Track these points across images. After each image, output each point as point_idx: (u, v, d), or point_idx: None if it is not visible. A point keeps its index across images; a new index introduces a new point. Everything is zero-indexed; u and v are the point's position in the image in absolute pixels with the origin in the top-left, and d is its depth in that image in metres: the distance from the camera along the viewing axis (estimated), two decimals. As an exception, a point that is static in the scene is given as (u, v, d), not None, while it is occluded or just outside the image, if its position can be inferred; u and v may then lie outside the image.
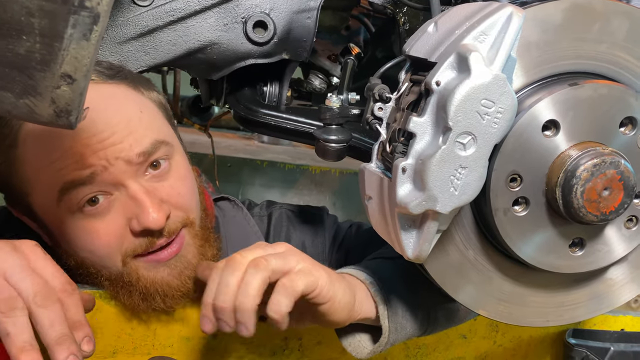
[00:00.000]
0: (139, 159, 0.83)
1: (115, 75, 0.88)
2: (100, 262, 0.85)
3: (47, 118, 0.55)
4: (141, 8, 0.97)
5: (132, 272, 0.85)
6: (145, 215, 0.81)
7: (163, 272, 0.86)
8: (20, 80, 0.52)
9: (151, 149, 0.84)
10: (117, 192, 0.82)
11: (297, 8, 1.03)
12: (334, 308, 0.76)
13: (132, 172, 0.82)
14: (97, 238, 0.83)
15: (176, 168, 0.88)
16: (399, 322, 0.83)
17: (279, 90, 1.15)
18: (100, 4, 0.49)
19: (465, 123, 0.60)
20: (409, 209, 0.64)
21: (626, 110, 0.68)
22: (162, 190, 0.85)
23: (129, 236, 0.83)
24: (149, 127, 0.86)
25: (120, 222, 0.83)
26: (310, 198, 2.28)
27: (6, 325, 0.63)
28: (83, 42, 0.50)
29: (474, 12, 0.65)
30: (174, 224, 0.86)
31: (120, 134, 0.82)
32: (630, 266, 0.77)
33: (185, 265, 0.87)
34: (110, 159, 0.81)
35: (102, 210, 0.82)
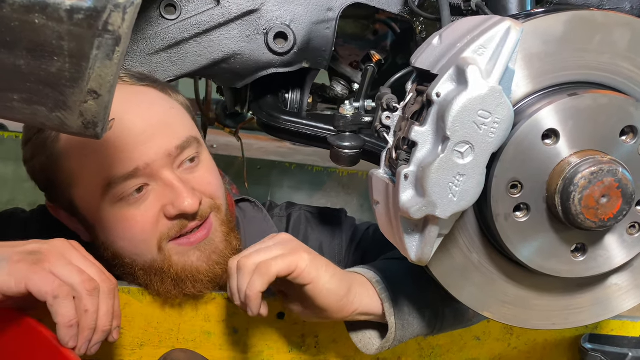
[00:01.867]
0: (176, 151, 0.92)
1: (145, 80, 0.97)
2: (135, 250, 0.93)
3: (76, 129, 0.61)
4: (169, 22, 1.03)
5: (165, 259, 0.93)
6: (181, 200, 0.89)
7: (193, 257, 0.94)
8: (53, 96, 0.58)
9: (185, 144, 0.93)
10: (154, 183, 0.91)
11: (317, 19, 1.08)
12: (318, 290, 0.83)
13: (168, 164, 0.91)
14: (135, 224, 0.91)
15: (205, 162, 0.98)
16: (406, 319, 0.87)
17: (300, 97, 1.19)
18: (121, 27, 0.55)
19: (463, 133, 0.63)
20: (410, 213, 0.67)
21: (626, 119, 0.69)
22: (193, 181, 0.94)
23: (163, 221, 0.92)
24: (182, 124, 0.96)
25: (155, 209, 0.91)
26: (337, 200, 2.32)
27: (58, 308, 0.73)
28: (107, 62, 0.56)
29: (475, 26, 0.68)
30: (205, 209, 0.94)
31: (157, 127, 0.91)
32: (635, 272, 0.78)
33: (213, 250, 0.96)
34: (151, 153, 0.90)
35: (140, 199, 0.91)
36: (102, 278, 0.78)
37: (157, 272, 0.93)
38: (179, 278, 0.92)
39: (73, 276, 0.74)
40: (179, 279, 0.92)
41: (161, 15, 1.03)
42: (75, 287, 0.74)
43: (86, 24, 0.54)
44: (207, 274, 0.94)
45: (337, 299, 0.84)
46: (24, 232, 1.03)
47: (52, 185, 0.94)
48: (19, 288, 0.71)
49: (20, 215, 1.11)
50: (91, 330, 0.75)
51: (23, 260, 0.73)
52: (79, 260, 0.77)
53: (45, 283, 0.71)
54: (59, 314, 0.72)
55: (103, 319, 0.76)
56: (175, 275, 0.92)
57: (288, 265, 0.82)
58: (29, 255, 0.74)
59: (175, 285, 0.93)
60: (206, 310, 0.99)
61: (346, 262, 1.16)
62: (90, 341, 0.76)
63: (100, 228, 0.93)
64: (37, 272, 0.72)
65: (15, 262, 0.72)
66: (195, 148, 0.95)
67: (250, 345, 1.02)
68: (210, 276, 0.94)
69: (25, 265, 0.72)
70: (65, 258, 0.75)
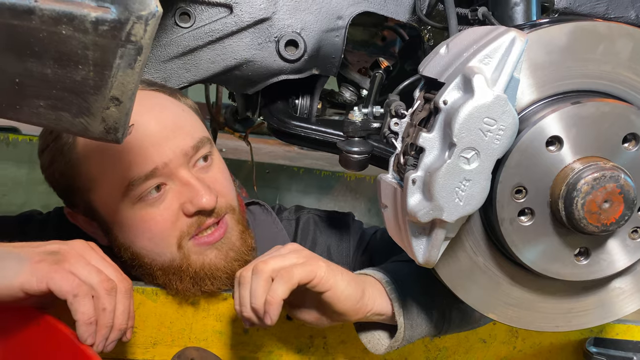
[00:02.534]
0: (192, 151, 0.96)
1: (153, 85, 1.01)
2: (156, 249, 0.96)
3: (98, 134, 0.64)
4: (183, 29, 1.07)
5: (184, 258, 0.95)
6: (199, 197, 0.92)
7: (211, 255, 0.97)
8: (77, 103, 0.61)
9: (200, 144, 0.97)
10: (171, 182, 0.94)
11: (326, 27, 1.10)
12: (336, 296, 0.85)
13: (184, 163, 0.95)
14: (155, 224, 0.94)
15: (217, 162, 1.01)
16: (414, 319, 0.89)
17: (309, 103, 1.22)
18: (143, 38, 0.57)
19: (469, 139, 0.66)
20: (417, 217, 0.69)
21: (629, 127, 0.71)
22: (207, 179, 0.97)
23: (182, 219, 0.95)
24: (194, 125, 0.99)
25: (174, 208, 0.94)
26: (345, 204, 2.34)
27: (78, 306, 0.76)
28: (129, 70, 0.59)
29: (481, 36, 0.70)
30: (220, 207, 0.98)
31: (171, 128, 0.95)
32: (638, 276, 0.80)
33: (230, 247, 0.99)
34: (169, 153, 0.93)
35: (158, 199, 0.94)
36: (119, 278, 0.80)
37: (176, 270, 0.96)
38: (198, 276, 0.95)
39: (92, 276, 0.77)
40: (198, 277, 0.95)
41: (176, 23, 1.06)
42: (94, 286, 0.76)
43: (110, 35, 0.57)
44: (225, 271, 0.97)
45: (354, 302, 0.86)
46: (42, 234, 1.06)
47: (72, 191, 0.97)
48: (40, 287, 0.74)
49: (37, 217, 1.15)
50: (108, 328, 0.78)
51: (44, 260, 0.75)
52: (97, 261, 0.80)
53: (65, 282, 0.74)
54: (79, 311, 0.75)
55: (120, 318, 0.79)
56: (194, 274, 0.95)
57: (308, 273, 0.83)
58: (50, 255, 0.77)
59: (194, 284, 0.95)
60: (218, 310, 1.02)
61: (353, 265, 1.18)
62: (107, 339, 0.79)
63: (119, 230, 0.96)
64: (57, 271, 0.75)
65: (36, 262, 0.75)
66: (208, 148, 0.99)
67: (259, 345, 1.04)
68: (228, 272, 0.97)
69: (46, 265, 0.75)
70: (85, 258, 0.78)
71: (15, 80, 0.59)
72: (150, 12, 0.56)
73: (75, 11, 0.55)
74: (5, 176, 2.11)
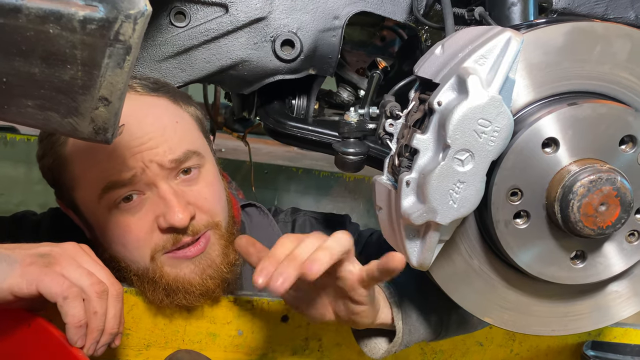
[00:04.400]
0: (171, 164, 0.92)
1: (159, 89, 0.98)
2: (130, 257, 0.94)
3: (87, 135, 0.63)
4: (178, 29, 1.06)
5: (157, 268, 0.93)
6: (172, 214, 0.89)
7: (186, 269, 0.94)
8: (65, 103, 0.60)
9: (183, 158, 0.93)
10: (150, 192, 0.92)
11: (323, 27, 1.09)
12: (367, 312, 0.82)
13: (164, 175, 0.92)
14: (129, 232, 0.92)
15: (205, 175, 0.97)
16: (412, 324, 0.88)
17: (306, 104, 1.21)
18: (132, 37, 0.57)
19: (463, 141, 0.65)
20: (411, 219, 0.68)
21: (625, 128, 0.70)
22: (189, 194, 0.94)
23: (157, 232, 0.92)
24: (183, 138, 0.95)
25: (149, 218, 0.92)
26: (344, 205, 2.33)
27: (68, 309, 0.75)
28: (117, 70, 0.58)
29: (477, 37, 0.69)
30: (198, 225, 0.94)
31: (155, 140, 0.92)
32: (636, 280, 0.79)
33: (209, 264, 0.95)
34: (146, 161, 0.90)
35: (135, 207, 0.91)
36: (111, 282, 0.79)
37: (150, 280, 0.93)
38: (170, 288, 0.93)
39: (83, 278, 0.76)
40: (170, 289, 0.93)
41: (171, 23, 1.05)
42: (84, 289, 0.76)
43: (98, 34, 0.56)
44: (199, 287, 0.94)
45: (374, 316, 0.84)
46: (35, 235, 1.05)
47: (59, 185, 0.97)
48: (30, 289, 0.74)
49: (31, 217, 1.14)
50: (99, 331, 0.77)
51: (35, 263, 0.75)
52: (89, 264, 0.79)
53: (55, 284, 0.73)
54: (69, 314, 0.74)
55: (111, 322, 0.78)
56: (166, 285, 0.92)
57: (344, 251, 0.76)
58: (40, 258, 0.76)
59: (167, 295, 0.93)
60: (212, 312, 1.01)
61: None
62: (98, 342, 0.78)
63: (98, 231, 0.95)
64: (47, 274, 0.74)
65: (27, 265, 0.74)
66: (194, 161, 0.94)
67: (254, 348, 1.03)
68: (201, 289, 0.94)
69: (36, 267, 0.74)
70: (76, 261, 0.77)
71: (2, 79, 0.58)
72: (139, 11, 0.55)
73: (63, 10, 0.54)
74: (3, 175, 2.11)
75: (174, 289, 0.93)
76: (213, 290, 0.95)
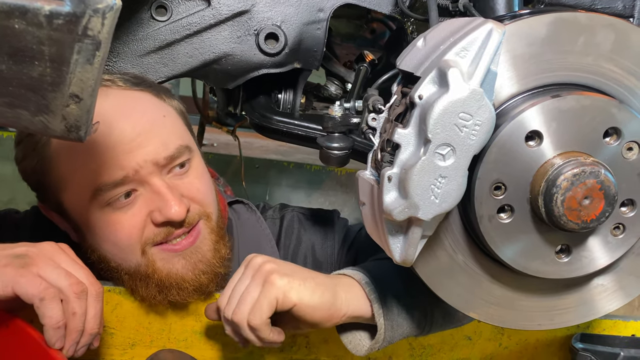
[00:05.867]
0: (165, 161, 0.92)
1: (140, 84, 0.97)
2: (121, 255, 0.93)
3: (59, 133, 0.61)
4: (160, 23, 1.04)
5: (149, 263, 0.92)
6: (168, 207, 0.89)
7: (178, 264, 0.93)
8: (35, 100, 0.58)
9: (176, 153, 0.93)
10: (142, 188, 0.91)
11: (307, 20, 1.08)
12: (303, 310, 0.82)
13: (157, 171, 0.91)
14: (121, 229, 0.91)
15: (195, 168, 0.97)
16: (395, 319, 0.87)
17: (292, 98, 1.19)
18: (101, 32, 0.55)
19: (444, 135, 0.64)
20: (393, 215, 0.67)
21: (609, 121, 0.69)
22: (182, 187, 0.94)
23: (149, 227, 0.91)
24: (172, 132, 0.95)
25: (142, 214, 0.91)
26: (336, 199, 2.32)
27: (44, 310, 0.74)
28: (87, 66, 0.57)
29: (458, 28, 0.68)
30: (193, 216, 0.94)
31: (145, 136, 0.91)
32: (621, 273, 0.78)
33: (200, 258, 0.95)
34: (140, 161, 0.89)
35: (127, 204, 0.91)
36: (90, 281, 0.78)
37: (142, 277, 0.93)
38: (163, 284, 0.92)
39: (61, 279, 0.75)
40: (163, 285, 0.92)
41: (152, 17, 1.04)
42: (63, 289, 0.74)
43: (66, 29, 0.54)
44: (192, 283, 0.93)
45: (324, 311, 0.83)
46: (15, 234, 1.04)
47: (43, 187, 0.95)
48: (5, 291, 0.72)
49: (13, 216, 1.12)
50: (79, 332, 0.76)
51: (10, 264, 0.73)
52: (68, 264, 0.77)
53: (31, 286, 0.72)
54: (46, 315, 0.73)
55: (91, 322, 0.77)
56: (159, 281, 0.92)
57: (269, 304, 0.81)
58: (16, 259, 0.74)
59: (160, 291, 0.93)
60: (197, 310, 1.00)
61: (339, 262, 1.16)
62: (77, 343, 0.77)
63: (87, 231, 0.93)
64: (24, 275, 0.72)
65: (2, 266, 0.73)
66: (186, 156, 0.95)
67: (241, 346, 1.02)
68: (195, 285, 0.94)
69: (12, 269, 0.73)
70: (54, 261, 0.76)
71: (-32, 77, 0.56)
72: (108, 5, 0.54)
73: (28, 4, 0.53)
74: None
75: (167, 285, 0.93)
76: (206, 285, 0.95)
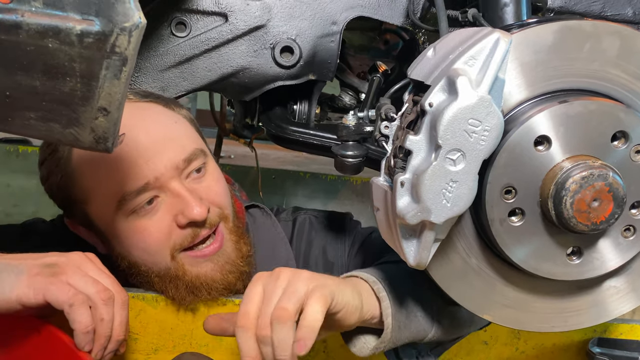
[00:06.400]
0: (184, 164, 0.96)
1: (149, 96, 1.03)
2: (150, 259, 0.97)
3: (88, 144, 0.65)
4: (179, 39, 1.08)
5: (179, 266, 0.97)
6: (190, 209, 0.93)
7: (206, 267, 0.98)
8: (66, 114, 0.62)
9: (192, 156, 0.98)
10: (163, 194, 0.95)
11: (321, 33, 1.11)
12: (348, 314, 0.82)
13: (176, 175, 0.96)
14: (149, 235, 0.95)
15: (211, 172, 1.02)
16: (402, 320, 0.88)
17: (308, 108, 1.23)
18: (127, 49, 0.59)
19: (454, 141, 0.66)
20: (406, 219, 0.70)
21: (617, 124, 0.71)
22: (200, 190, 0.98)
23: (175, 231, 0.95)
24: (186, 136, 1.00)
25: (167, 219, 0.95)
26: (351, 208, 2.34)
27: (74, 315, 0.77)
28: (115, 81, 0.60)
29: (467, 38, 0.71)
30: (213, 217, 0.98)
31: (162, 143, 0.96)
32: (634, 275, 0.79)
33: (226, 260, 0.99)
34: (160, 167, 0.94)
35: (151, 210, 0.95)
36: (117, 289, 0.82)
37: (172, 279, 0.97)
38: (193, 285, 0.96)
39: (88, 286, 0.78)
40: (193, 285, 0.96)
41: (172, 33, 1.08)
42: (91, 296, 0.78)
43: (95, 47, 0.58)
44: (221, 282, 0.98)
45: (359, 313, 0.83)
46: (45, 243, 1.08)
47: (69, 202, 0.99)
48: (37, 299, 0.76)
49: (40, 225, 1.17)
50: (107, 337, 0.79)
51: (41, 273, 0.77)
52: (95, 272, 0.81)
53: (61, 293, 0.76)
54: (76, 320, 0.76)
55: (117, 329, 0.80)
56: (189, 282, 0.96)
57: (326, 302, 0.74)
58: (47, 268, 0.78)
59: (190, 292, 0.96)
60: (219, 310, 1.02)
61: (348, 264, 1.19)
62: (105, 348, 0.80)
63: (115, 240, 0.97)
64: (54, 283, 0.76)
65: (33, 275, 0.77)
66: (201, 159, 0.99)
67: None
68: (224, 284, 0.98)
69: (42, 277, 0.77)
70: (82, 270, 0.80)
71: (5, 93, 0.60)
72: (134, 24, 0.58)
73: (61, 24, 0.57)
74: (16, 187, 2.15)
75: (197, 286, 0.97)
76: (234, 283, 0.99)
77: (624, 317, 1.02)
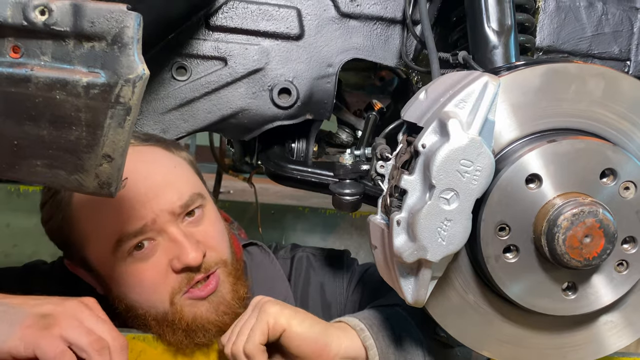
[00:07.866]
0: (180, 210, 0.97)
1: (149, 140, 1.04)
2: (147, 302, 0.98)
3: (92, 189, 0.67)
4: (180, 82, 1.12)
5: (176, 312, 0.97)
6: (185, 254, 0.94)
7: (202, 308, 0.98)
8: (71, 161, 0.64)
9: (189, 201, 0.99)
10: (160, 237, 0.96)
11: (318, 74, 1.15)
12: (290, 336, 0.87)
13: (173, 220, 0.97)
14: (145, 278, 0.96)
15: (208, 215, 1.03)
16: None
17: (305, 146, 1.25)
18: (131, 99, 0.61)
19: (447, 181, 0.68)
20: (403, 258, 0.71)
21: (605, 162, 0.73)
22: (197, 234, 0.99)
23: (171, 275, 0.96)
24: (184, 181, 1.01)
25: (163, 262, 0.96)
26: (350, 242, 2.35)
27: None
28: (119, 129, 0.63)
29: (457, 82, 0.73)
30: (209, 261, 0.99)
31: (160, 187, 0.97)
32: (629, 309, 0.80)
33: (221, 301, 1.00)
34: (157, 210, 0.95)
35: (148, 253, 0.96)
36: (113, 336, 0.82)
37: (169, 323, 0.97)
38: (190, 329, 0.96)
39: (81, 338, 0.78)
40: (190, 329, 0.96)
41: (173, 77, 1.11)
42: (84, 347, 0.78)
43: (101, 98, 0.60)
44: (216, 324, 0.98)
45: (311, 342, 0.87)
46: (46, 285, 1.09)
47: (68, 244, 1.00)
48: (27, 352, 0.77)
49: (41, 267, 1.18)
50: None
51: (34, 325, 0.78)
52: (91, 321, 0.81)
53: (50, 349, 0.76)
54: None
55: None
56: (186, 327, 0.96)
57: (261, 329, 0.87)
58: (41, 319, 0.79)
59: (186, 336, 0.96)
60: (217, 357, 1.03)
61: (346, 302, 1.19)
62: None
63: (113, 283, 0.98)
64: (45, 337, 0.77)
65: (26, 327, 0.78)
66: (199, 203, 1.00)
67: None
68: (219, 325, 0.98)
69: (34, 330, 0.77)
70: (77, 319, 0.80)
71: (14, 142, 0.63)
72: (138, 75, 0.60)
73: (68, 77, 0.59)
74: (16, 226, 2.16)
75: (193, 329, 0.97)
76: (228, 325, 0.99)
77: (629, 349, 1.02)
